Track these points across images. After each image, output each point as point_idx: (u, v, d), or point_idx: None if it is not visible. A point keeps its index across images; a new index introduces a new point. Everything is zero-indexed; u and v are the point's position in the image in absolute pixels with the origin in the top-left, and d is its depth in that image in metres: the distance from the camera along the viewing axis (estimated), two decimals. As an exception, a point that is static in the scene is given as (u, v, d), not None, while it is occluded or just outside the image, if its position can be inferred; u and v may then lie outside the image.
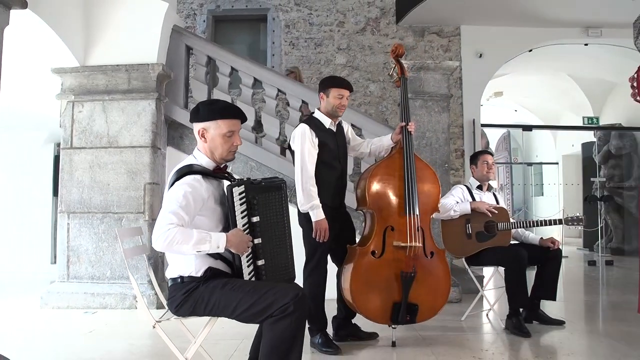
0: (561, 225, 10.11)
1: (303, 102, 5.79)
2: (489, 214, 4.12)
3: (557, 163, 14.30)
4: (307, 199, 3.46)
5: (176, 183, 2.30)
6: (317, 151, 3.54)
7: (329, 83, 3.69)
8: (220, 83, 5.87)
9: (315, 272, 3.60)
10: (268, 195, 2.40)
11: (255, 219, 2.34)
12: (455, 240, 4.21)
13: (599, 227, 9.73)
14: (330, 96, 3.63)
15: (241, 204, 2.31)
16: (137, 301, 5.11)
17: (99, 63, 5.43)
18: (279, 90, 5.83)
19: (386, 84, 8.41)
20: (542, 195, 15.33)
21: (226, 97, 5.70)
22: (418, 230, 3.51)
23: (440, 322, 4.25)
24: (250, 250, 2.33)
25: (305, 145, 3.50)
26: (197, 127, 2.43)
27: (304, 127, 3.57)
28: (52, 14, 4.88)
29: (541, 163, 15.22)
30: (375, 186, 3.57)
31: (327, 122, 3.66)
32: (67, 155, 5.41)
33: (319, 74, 8.47)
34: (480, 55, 8.52)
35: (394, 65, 3.95)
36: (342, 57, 8.56)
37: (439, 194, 3.68)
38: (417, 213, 3.50)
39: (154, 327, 2.38)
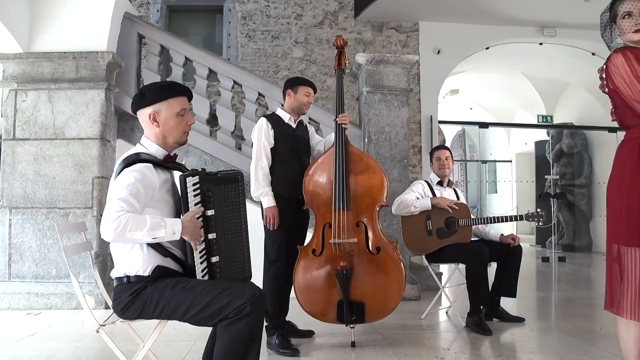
0: (515, 222, 10.31)
1: (259, 94, 5.63)
2: (450, 210, 4.06)
3: (510, 161, 14.54)
4: (257, 185, 3.55)
5: (124, 170, 2.12)
6: (272, 144, 3.62)
7: (298, 82, 3.82)
8: (173, 73, 5.65)
9: (274, 265, 3.58)
10: (224, 188, 2.25)
11: (209, 213, 2.18)
12: (415, 237, 4.14)
13: (552, 224, 9.92)
14: (299, 93, 3.74)
15: (195, 196, 2.14)
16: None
17: (44, 50, 5.13)
18: (234, 82, 5.66)
19: (345, 79, 8.30)
20: (496, 192, 15.58)
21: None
22: (357, 225, 3.45)
23: (400, 321, 4.19)
24: (203, 246, 2.18)
25: (261, 137, 3.61)
26: (145, 112, 2.25)
27: (261, 121, 3.68)
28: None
29: (495, 161, 15.46)
30: (310, 184, 3.58)
31: (286, 117, 3.74)
32: (9, 147, 5.09)
33: (276, 67, 8.33)
34: (439, 52, 8.52)
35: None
36: (299, 51, 8.42)
37: (381, 185, 3.48)
38: (348, 208, 3.42)
39: (97, 331, 2.19)
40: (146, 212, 2.11)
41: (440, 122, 9.13)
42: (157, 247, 2.15)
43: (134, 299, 2.11)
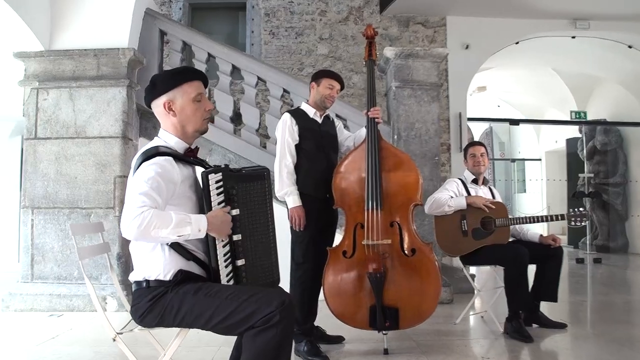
0: (545, 222, 10.05)
1: (285, 90, 5.47)
2: (486, 209, 3.83)
3: (539, 159, 14.18)
4: (281, 184, 3.37)
5: (143, 164, 1.95)
6: (296, 140, 3.44)
7: (322, 74, 3.65)
8: (196, 70, 5.51)
9: (302, 268, 3.40)
10: (249, 185, 2.07)
11: (234, 212, 2.01)
12: (449, 238, 3.91)
13: (586, 224, 9.60)
14: (321, 85, 3.56)
15: (218, 194, 1.98)
16: (106, 302, 4.76)
17: (65, 47, 5.04)
18: (258, 79, 5.50)
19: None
20: (525, 192, 15.22)
21: (203, 85, 5.38)
22: (391, 226, 3.25)
23: (433, 326, 3.97)
24: (228, 249, 2.02)
25: (285, 133, 3.43)
26: (159, 102, 2.09)
27: (285, 116, 3.50)
28: (14, -6, 4.52)
29: (524, 159, 15.11)
30: (341, 182, 3.38)
31: (311, 111, 3.56)
32: (30, 147, 5.02)
33: (300, 64, 8.16)
34: (467, 47, 8.26)
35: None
36: (324, 47, 8.24)
37: (416, 183, 3.28)
38: (381, 207, 3.22)
39: (114, 339, 2.04)
40: (168, 209, 1.95)
41: (470, 119, 8.87)
42: (179, 249, 1.99)
43: (153, 305, 1.95)
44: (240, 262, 2.05)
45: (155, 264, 1.98)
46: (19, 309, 4.79)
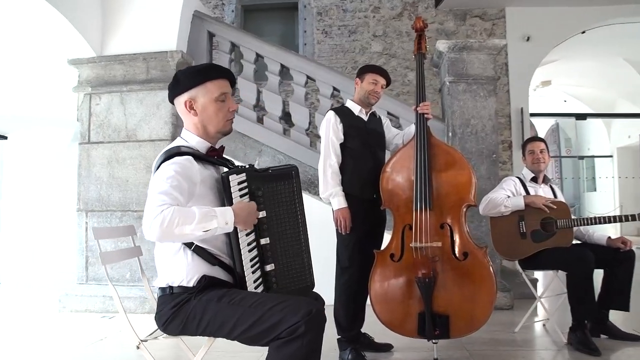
0: (618, 223, 9.47)
1: (334, 89, 5.32)
2: (546, 209, 3.55)
3: (611, 156, 13.43)
4: (325, 185, 3.23)
5: (163, 164, 1.89)
6: (341, 139, 3.28)
7: (366, 69, 3.46)
8: (244, 71, 5.47)
9: (347, 272, 3.25)
10: (275, 186, 1.95)
11: (260, 215, 1.90)
12: (507, 241, 3.65)
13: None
14: (365, 81, 3.38)
15: (242, 197, 1.86)
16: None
17: (116, 52, 5.12)
18: (308, 77, 5.39)
19: (426, 72, 7.87)
20: (595, 190, 14.47)
21: (252, 86, 5.34)
22: (442, 227, 3.03)
23: (490, 334, 3.70)
24: (255, 253, 1.90)
25: (329, 132, 3.27)
26: (181, 100, 2.01)
27: (329, 114, 3.35)
28: (66, 3, 4.62)
29: (593, 156, 14.36)
30: (388, 181, 3.21)
31: (356, 109, 3.39)
32: (84, 151, 5.14)
33: (354, 62, 7.98)
34: (528, 39, 7.85)
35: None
36: (378, 45, 8.04)
37: (468, 182, 3.06)
38: (431, 208, 3.02)
39: (137, 347, 1.97)
40: None
41: (532, 114, 8.44)
42: (203, 254, 1.89)
43: (176, 312, 1.86)
44: (269, 267, 1.94)
45: (178, 270, 1.88)
46: (74, 309, 4.90)
